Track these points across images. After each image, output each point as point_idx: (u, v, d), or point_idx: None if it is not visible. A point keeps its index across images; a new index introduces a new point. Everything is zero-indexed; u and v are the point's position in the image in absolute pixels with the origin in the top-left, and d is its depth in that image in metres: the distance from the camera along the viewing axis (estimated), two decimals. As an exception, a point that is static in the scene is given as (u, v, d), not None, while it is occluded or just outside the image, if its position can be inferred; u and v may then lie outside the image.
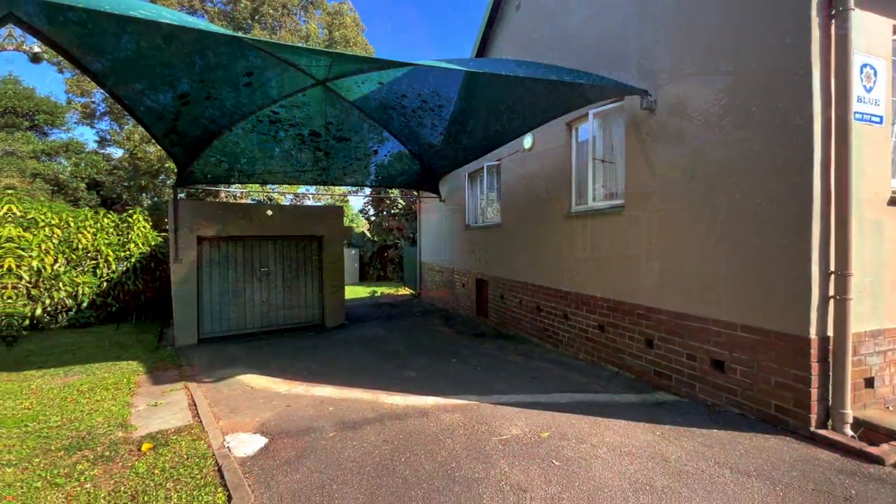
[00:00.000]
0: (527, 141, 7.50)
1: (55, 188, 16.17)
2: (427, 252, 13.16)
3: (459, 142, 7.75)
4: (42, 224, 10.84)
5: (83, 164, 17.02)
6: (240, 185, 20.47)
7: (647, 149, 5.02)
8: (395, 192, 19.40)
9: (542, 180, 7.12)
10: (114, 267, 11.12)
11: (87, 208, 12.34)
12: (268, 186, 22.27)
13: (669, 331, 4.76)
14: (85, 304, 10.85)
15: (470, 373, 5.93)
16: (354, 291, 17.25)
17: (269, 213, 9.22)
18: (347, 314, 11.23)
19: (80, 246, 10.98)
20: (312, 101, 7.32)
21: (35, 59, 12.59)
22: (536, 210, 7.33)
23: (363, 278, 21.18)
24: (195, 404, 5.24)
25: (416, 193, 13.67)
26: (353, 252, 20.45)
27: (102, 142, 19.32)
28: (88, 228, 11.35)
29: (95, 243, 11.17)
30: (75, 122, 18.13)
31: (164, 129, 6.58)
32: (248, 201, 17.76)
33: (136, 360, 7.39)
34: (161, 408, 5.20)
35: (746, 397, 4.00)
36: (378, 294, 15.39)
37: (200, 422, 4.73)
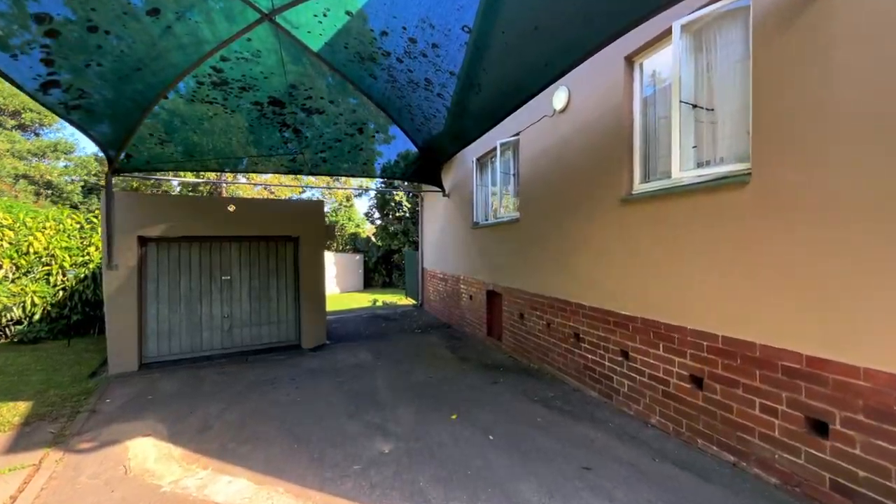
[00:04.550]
0: (558, 98, 4.96)
1: (48, 191, 14.21)
2: (430, 257, 10.64)
3: (465, 105, 5.25)
4: (-9, 225, 8.70)
5: (73, 165, 15.08)
6: (234, 184, 18.31)
7: (817, 57, 2.46)
8: (400, 195, 16.99)
9: (583, 152, 4.58)
10: (67, 274, 8.88)
11: (55, 208, 10.27)
12: (264, 187, 20.06)
13: (885, 413, 2.17)
14: (37, 317, 8.63)
15: (477, 450, 3.38)
16: (355, 300, 14.83)
17: (231, 208, 6.85)
18: (336, 329, 8.79)
19: (32, 250, 8.80)
20: (263, 50, 4.93)
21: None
22: (572, 196, 4.79)
23: (368, 285, 18.76)
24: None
25: (420, 188, 11.24)
26: (358, 258, 18.07)
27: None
28: (48, 230, 9.21)
29: (50, 247, 8.97)
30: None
31: (36, 81, 4.24)
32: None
33: (36, 397, 5.10)
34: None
35: None
36: (379, 304, 12.94)
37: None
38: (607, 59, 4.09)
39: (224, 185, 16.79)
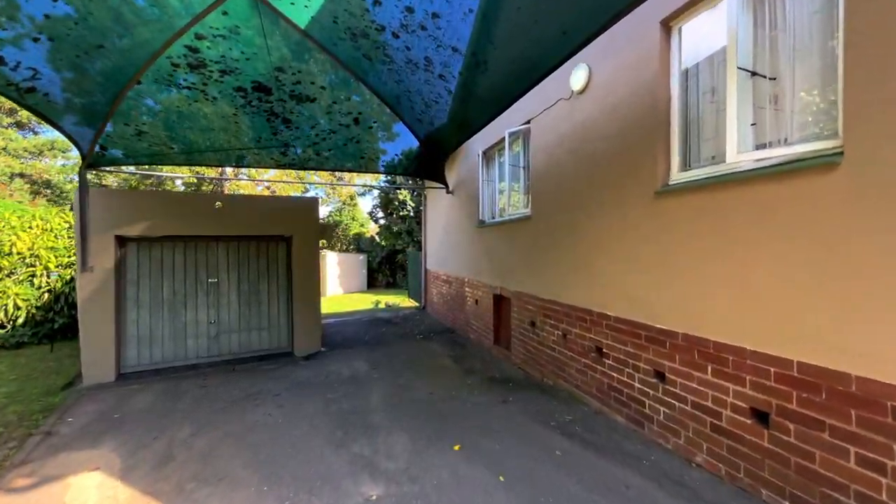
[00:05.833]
0: (577, 77, 4.28)
1: (48, 190, 13.71)
2: (433, 258, 9.98)
3: (470, 87, 4.59)
4: (-28, 224, 8.20)
5: (72, 164, 14.60)
6: (235, 180, 17.73)
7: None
8: (404, 194, 16.36)
9: (607, 138, 3.90)
10: (51, 276, 8.34)
11: (43, 207, 9.76)
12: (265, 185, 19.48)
13: None
14: (20, 321, 8.12)
15: (485, 497, 2.70)
16: (357, 301, 14.22)
17: (218, 204, 6.24)
18: (333, 334, 8.18)
19: (15, 250, 8.26)
20: (242, 26, 4.30)
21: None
22: (593, 190, 4.11)
23: (371, 286, 18.15)
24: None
25: (423, 185, 10.60)
26: (361, 258, 17.46)
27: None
28: (35, 229, 8.68)
29: (34, 247, 8.44)
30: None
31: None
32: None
33: (-5, 415, 4.53)
34: None
35: None
36: (381, 305, 12.31)
37: None
38: (639, 24, 3.42)
39: (226, 182, 16.25)
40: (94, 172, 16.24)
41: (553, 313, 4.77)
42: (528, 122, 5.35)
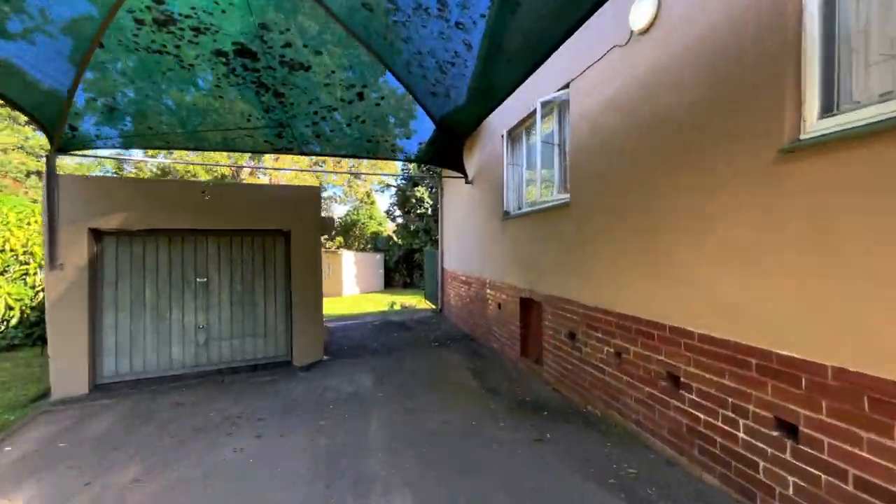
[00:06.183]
0: (639, 12, 3.14)
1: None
2: (451, 256, 8.95)
3: (495, 38, 3.55)
4: (-35, 219, 7.69)
5: (88, 162, 14.34)
6: (251, 167, 17.19)
7: None
8: (421, 191, 15.42)
9: (687, 88, 2.78)
10: (40, 274, 7.75)
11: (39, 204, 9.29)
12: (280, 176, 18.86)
13: None
14: (14, 321, 7.55)
15: None
16: (373, 301, 13.36)
17: (206, 195, 5.40)
18: (340, 339, 7.28)
19: (9, 247, 7.70)
20: (211, -38, 3.40)
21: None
22: (662, 160, 3.00)
23: (388, 285, 17.29)
24: None
25: (440, 175, 9.61)
26: (378, 257, 16.63)
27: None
28: (33, 225, 8.14)
29: (28, 244, 7.87)
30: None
31: None
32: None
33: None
34: None
35: None
36: (396, 307, 11.38)
37: None
38: None
39: (237, 175, 15.69)
40: (112, 171, 15.97)
41: (601, 324, 3.67)
42: (567, 85, 4.26)
